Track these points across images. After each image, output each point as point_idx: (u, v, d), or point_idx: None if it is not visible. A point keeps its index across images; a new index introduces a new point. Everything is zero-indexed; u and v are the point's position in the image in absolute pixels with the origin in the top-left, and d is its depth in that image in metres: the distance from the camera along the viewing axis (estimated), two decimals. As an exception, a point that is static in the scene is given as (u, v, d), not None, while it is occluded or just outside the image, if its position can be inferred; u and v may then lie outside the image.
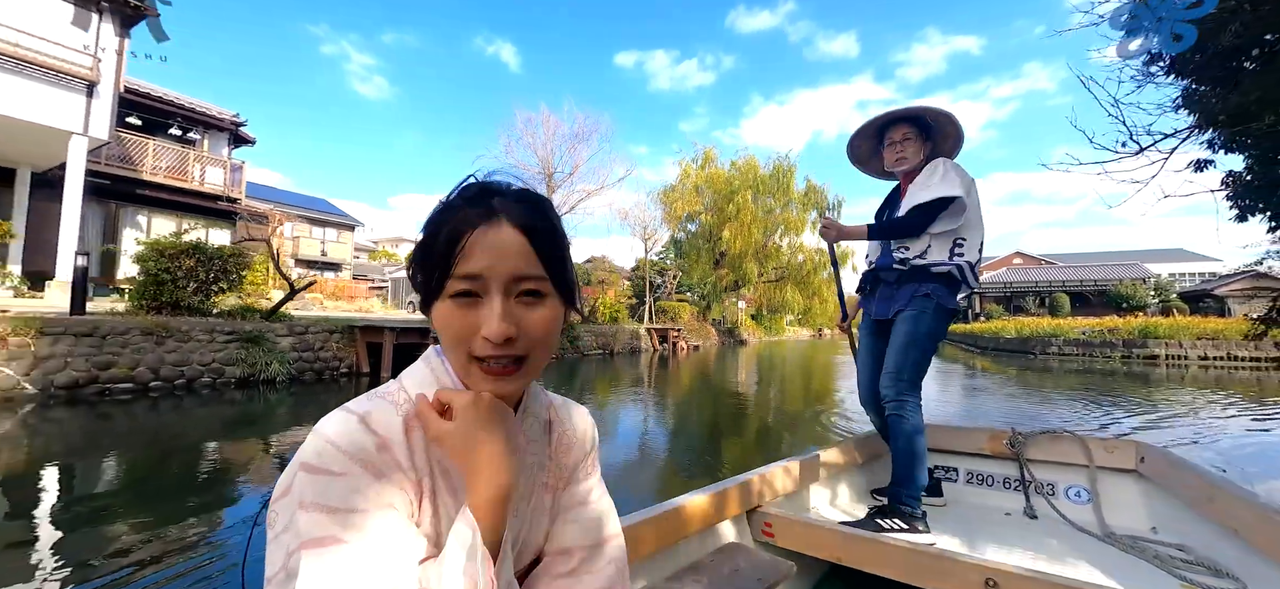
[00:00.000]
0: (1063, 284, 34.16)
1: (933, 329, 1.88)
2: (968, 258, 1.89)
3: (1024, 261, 44.69)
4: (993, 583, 1.21)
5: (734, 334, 24.48)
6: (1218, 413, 6.78)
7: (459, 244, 0.51)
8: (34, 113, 9.23)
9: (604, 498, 0.69)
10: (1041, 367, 14.04)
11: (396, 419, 0.53)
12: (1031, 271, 39.06)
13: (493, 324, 0.50)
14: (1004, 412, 6.87)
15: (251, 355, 6.74)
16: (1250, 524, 1.42)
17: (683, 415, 6.71)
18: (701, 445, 5.11)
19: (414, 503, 0.52)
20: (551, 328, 0.55)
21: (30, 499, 3.12)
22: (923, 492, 1.83)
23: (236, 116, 16.92)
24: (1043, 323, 20.86)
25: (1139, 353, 15.75)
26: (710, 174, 22.24)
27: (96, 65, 9.85)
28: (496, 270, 0.51)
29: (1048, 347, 17.42)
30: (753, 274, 21.50)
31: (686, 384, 9.95)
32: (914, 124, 2.01)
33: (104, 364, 5.74)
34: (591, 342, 13.92)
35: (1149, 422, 6.11)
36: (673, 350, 16.99)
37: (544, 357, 0.56)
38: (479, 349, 0.52)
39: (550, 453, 0.65)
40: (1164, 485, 1.87)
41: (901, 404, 1.85)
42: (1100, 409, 7.03)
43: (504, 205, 0.54)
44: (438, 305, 0.53)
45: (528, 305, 0.53)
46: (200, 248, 7.07)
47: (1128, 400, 7.88)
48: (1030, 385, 10.11)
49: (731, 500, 1.56)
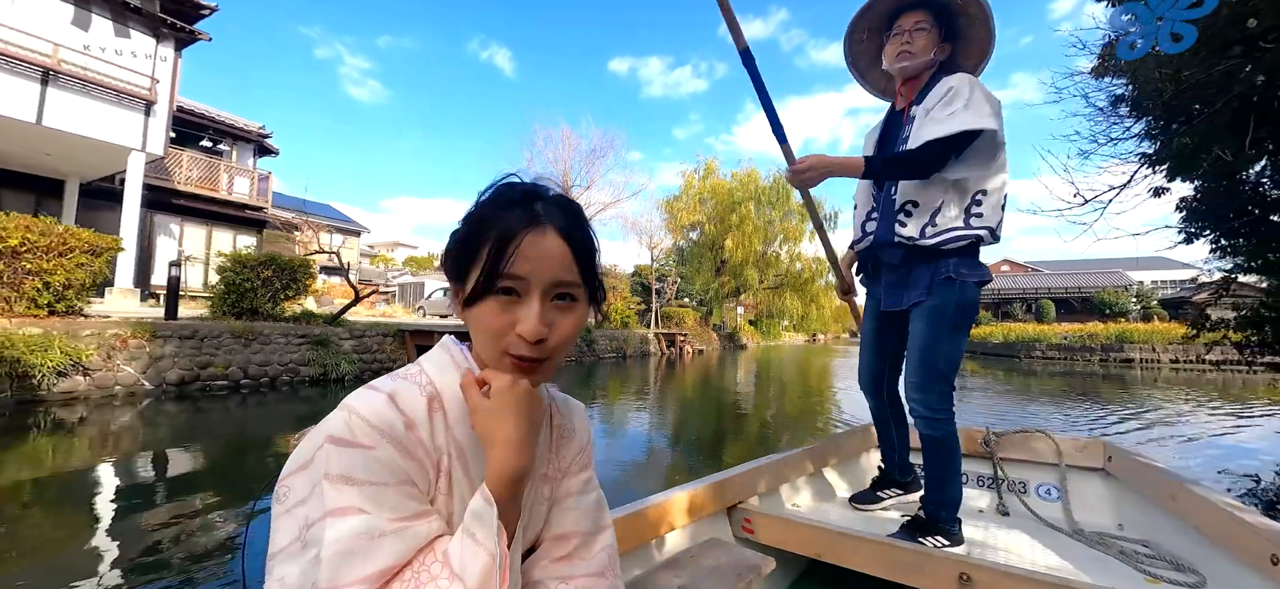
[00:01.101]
0: (1048, 291, 35.39)
1: (961, 318, 1.52)
2: (987, 221, 1.48)
3: (1012, 269, 45.90)
4: (966, 578, 1.25)
5: (734, 339, 25.38)
6: (1168, 410, 7.74)
7: (508, 246, 0.54)
8: (99, 130, 9.94)
9: (597, 490, 0.72)
10: (1026, 370, 15.05)
11: (421, 399, 0.56)
12: (1019, 278, 40.29)
13: (530, 324, 0.53)
14: (986, 407, 7.79)
15: (321, 356, 7.53)
16: (1210, 520, 1.47)
17: (700, 411, 7.56)
18: (716, 435, 5.96)
19: (433, 481, 0.55)
20: (578, 330, 0.59)
21: (153, 479, 3.91)
22: (959, 508, 1.62)
23: (262, 129, 17.62)
24: (1028, 328, 21.97)
25: (1115, 357, 16.84)
26: (713, 185, 23.16)
27: (154, 86, 10.58)
28: (540, 274, 0.54)
29: (1032, 351, 18.51)
30: (754, 281, 22.45)
31: (698, 385, 10.81)
32: (931, 11, 1.56)
33: (203, 364, 6.51)
34: (606, 345, 14.76)
35: (1100, 417, 7.05)
36: (679, 354, 17.87)
37: (564, 356, 0.59)
38: (513, 346, 0.55)
39: (550, 446, 0.69)
40: (1130, 483, 1.92)
41: (935, 421, 1.54)
42: (1061, 405, 7.97)
43: (547, 211, 0.56)
44: (480, 300, 0.55)
45: (561, 309, 0.57)
46: (275, 259, 7.86)
47: (1095, 398, 8.84)
48: (1012, 385, 11.07)
49: (712, 497, 1.59)
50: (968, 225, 1.47)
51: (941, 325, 1.53)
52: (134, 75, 10.29)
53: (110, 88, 9.93)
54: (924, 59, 1.56)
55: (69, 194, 12.47)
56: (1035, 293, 36.11)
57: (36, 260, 5.53)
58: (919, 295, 1.55)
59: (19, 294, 5.58)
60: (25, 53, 8.95)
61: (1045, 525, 1.84)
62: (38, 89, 9.22)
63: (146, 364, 6.07)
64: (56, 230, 5.83)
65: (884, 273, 1.68)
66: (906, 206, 1.54)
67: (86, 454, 4.05)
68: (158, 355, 6.17)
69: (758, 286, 23.58)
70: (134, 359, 5.99)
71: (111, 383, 5.78)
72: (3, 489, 3.25)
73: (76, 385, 5.52)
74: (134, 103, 10.35)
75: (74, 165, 11.70)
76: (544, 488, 0.67)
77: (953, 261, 1.50)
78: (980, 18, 1.53)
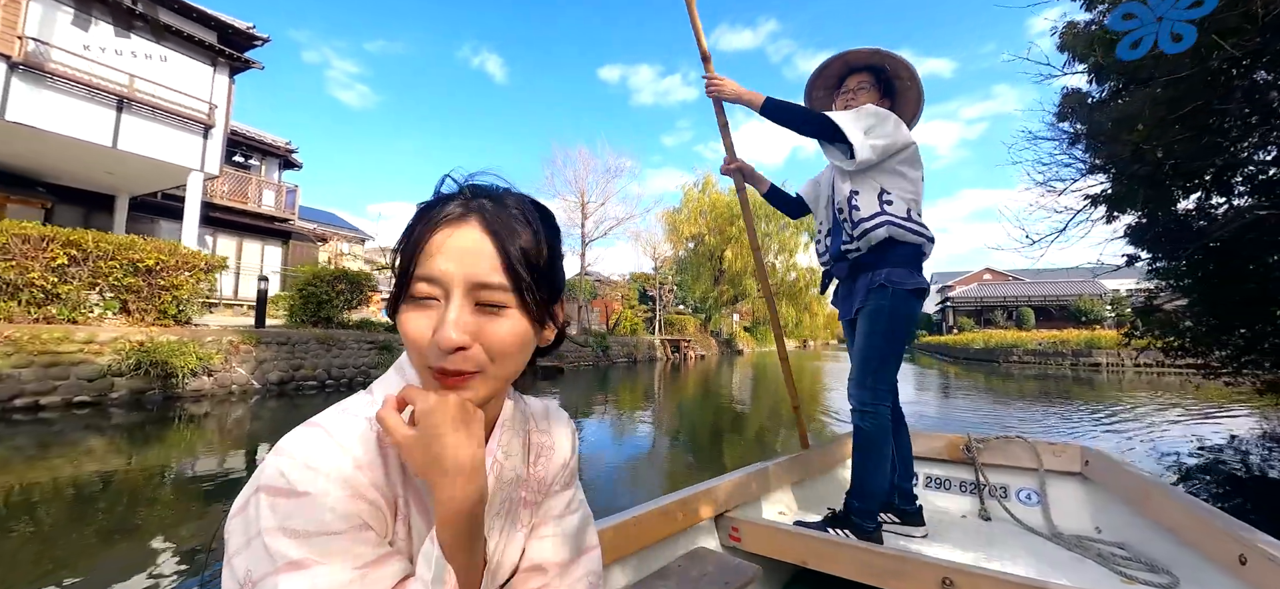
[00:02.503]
0: (1028, 299, 37.12)
1: (892, 323, 1.69)
2: (898, 211, 1.68)
3: (993, 278, 47.61)
4: (949, 582, 1.26)
5: (731, 345, 26.58)
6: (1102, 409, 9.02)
7: (422, 243, 0.48)
8: (164, 152, 10.85)
9: (581, 508, 0.66)
10: (1003, 373, 16.39)
11: (369, 434, 0.49)
12: (1000, 287, 42.03)
13: (443, 330, 0.46)
14: (968, 407, 9.02)
15: (387, 360, 8.54)
16: (1182, 522, 1.51)
17: (712, 408, 8.69)
18: (729, 423, 7.09)
19: (390, 523, 0.49)
20: (511, 342, 0.49)
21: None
22: (877, 504, 1.72)
23: (289, 144, 18.51)
24: (1006, 335, 23.44)
25: (1084, 361, 18.29)
26: (712, 198, 24.37)
27: (212, 111, 11.51)
28: (457, 275, 0.47)
29: (1009, 356, 19.93)
30: (752, 290, 23.67)
31: (705, 386, 11.93)
32: (873, 74, 1.83)
33: (296, 366, 7.49)
34: (619, 351, 15.85)
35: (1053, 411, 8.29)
36: (682, 359, 18.99)
37: (503, 372, 0.51)
38: (432, 357, 0.48)
39: (528, 467, 0.62)
40: (1106, 487, 1.96)
41: (862, 413, 1.72)
42: (1031, 405, 9.22)
43: (479, 206, 0.50)
44: (401, 308, 0.49)
45: (490, 316, 0.48)
46: (346, 273, 8.86)
47: (1056, 398, 10.13)
48: (991, 387, 12.35)
49: (700, 506, 1.59)
50: (882, 211, 1.67)
51: (877, 328, 1.70)
52: (195, 101, 11.22)
53: (175, 113, 10.85)
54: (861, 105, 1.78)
55: (119, 208, 13.29)
56: (1016, 301, 37.84)
57: (169, 277, 6.49)
58: (861, 301, 1.75)
59: (149, 307, 6.54)
60: (105, 82, 9.87)
61: (1025, 529, 1.90)
62: (114, 116, 10.13)
63: (254, 366, 7.05)
64: (181, 251, 6.79)
65: (839, 288, 1.93)
66: (840, 213, 1.79)
67: (240, 438, 5.05)
68: (262, 359, 7.15)
69: (756, 295, 24.81)
70: (244, 362, 6.98)
71: (229, 382, 6.75)
72: (206, 470, 4.27)
73: (203, 384, 6.49)
74: (194, 126, 11.27)
75: (126, 182, 12.55)
76: (523, 512, 0.61)
77: (887, 270, 1.68)
78: (911, 79, 1.82)
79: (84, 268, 5.98)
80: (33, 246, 5.66)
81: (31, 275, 5.59)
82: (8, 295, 5.56)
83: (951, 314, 42.14)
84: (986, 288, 41.99)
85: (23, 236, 5.60)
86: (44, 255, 5.71)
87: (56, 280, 5.76)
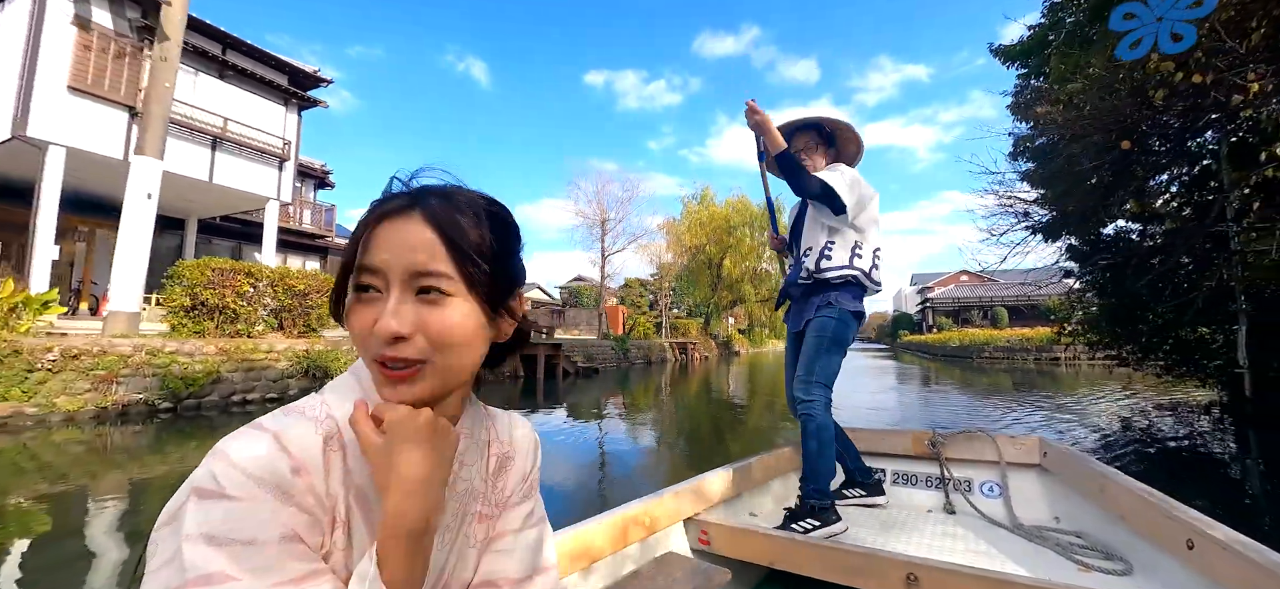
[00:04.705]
0: (1003, 299, 39.63)
1: (838, 333, 1.96)
2: (864, 265, 1.99)
3: (970, 279, 50.10)
4: (913, 577, 1.29)
5: (729, 346, 28.52)
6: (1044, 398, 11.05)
7: (365, 236, 0.49)
8: (248, 184, 12.36)
9: (540, 524, 0.64)
10: (977, 368, 18.53)
11: (315, 437, 0.47)
12: (976, 288, 44.48)
13: (382, 318, 0.46)
14: (941, 397, 10.97)
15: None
16: (1134, 509, 1.57)
17: (725, 393, 10.54)
18: (739, 413, 8.92)
19: (326, 532, 0.46)
20: (455, 332, 0.49)
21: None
22: (829, 485, 1.89)
23: (324, 166, 19.96)
24: (979, 334, 25.75)
25: (1046, 357, 20.55)
26: (711, 211, 26.28)
27: (286, 146, 13.03)
28: (395, 263, 0.47)
29: (981, 353, 22.19)
30: (750, 295, 25.64)
31: (715, 382, 13.78)
32: (816, 131, 2.12)
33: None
34: (637, 353, 17.67)
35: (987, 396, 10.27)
36: (690, 360, 20.85)
37: (451, 363, 0.50)
38: (374, 348, 0.48)
39: (486, 477, 0.60)
40: (1063, 477, 2.03)
41: (810, 404, 1.92)
42: (988, 393, 11.23)
43: (422, 200, 0.50)
44: (349, 303, 0.50)
45: (431, 304, 0.48)
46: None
47: (1011, 389, 12.17)
48: (957, 380, 14.39)
49: (669, 510, 1.61)
50: (851, 263, 1.98)
51: (822, 338, 1.97)
52: (272, 137, 12.74)
53: (258, 148, 12.37)
54: (820, 165, 2.08)
55: (189, 229, 14.69)
56: (991, 301, 40.33)
57: (317, 299, 8.10)
58: (810, 315, 2.02)
59: (297, 322, 8.15)
60: (206, 125, 11.38)
61: (989, 522, 1.94)
62: (210, 153, 11.64)
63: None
64: (320, 277, 8.39)
65: (792, 306, 2.18)
66: (808, 251, 2.05)
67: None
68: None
69: (753, 300, 26.80)
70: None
71: (359, 381, 8.39)
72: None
73: (341, 383, 8.13)
74: (271, 159, 12.79)
75: (200, 208, 13.98)
76: (478, 528, 0.59)
77: (834, 293, 1.98)
78: (847, 129, 2.13)
79: (257, 292, 7.60)
80: (226, 276, 7.26)
81: (227, 300, 7.20)
82: (205, 315, 7.17)
83: (931, 314, 44.54)
84: (964, 289, 44.40)
85: (219, 269, 7.18)
86: (233, 283, 7.32)
87: (242, 303, 7.38)
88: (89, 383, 5.57)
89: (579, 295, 30.58)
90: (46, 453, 4.56)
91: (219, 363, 6.56)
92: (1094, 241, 7.87)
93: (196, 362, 6.38)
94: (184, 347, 6.41)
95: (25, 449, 4.60)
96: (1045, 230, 8.16)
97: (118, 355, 5.87)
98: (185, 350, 6.38)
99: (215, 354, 6.59)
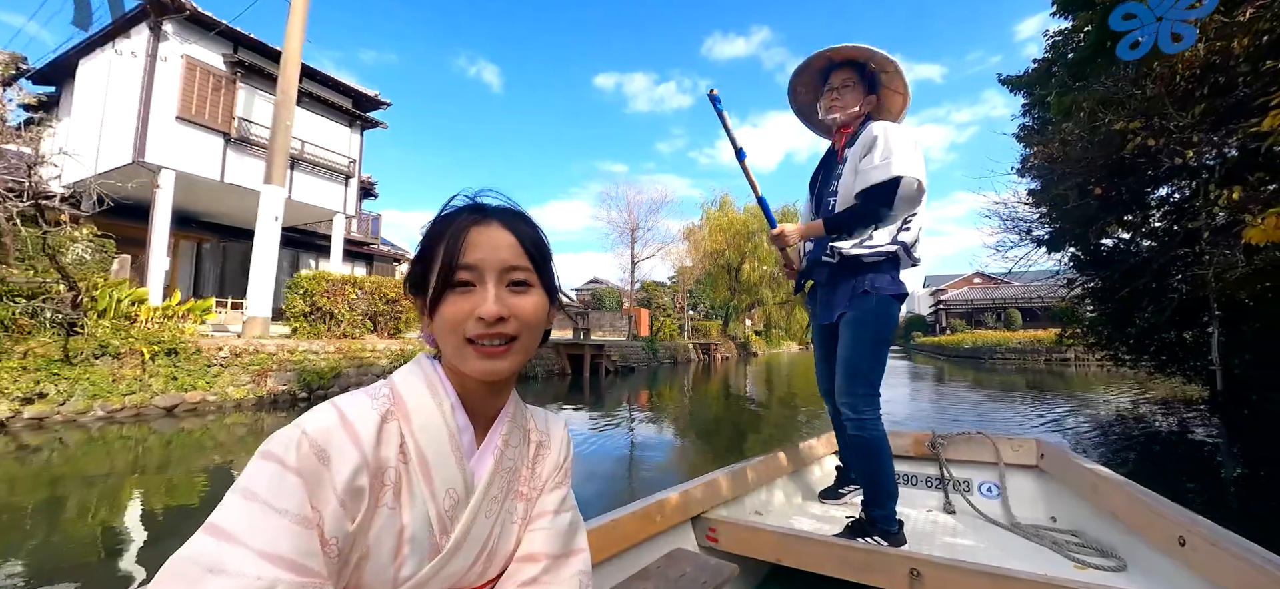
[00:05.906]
0: (1016, 301, 40.08)
1: (879, 328, 1.73)
2: (912, 235, 1.72)
3: (984, 281, 50.36)
4: (917, 573, 1.33)
5: (747, 348, 29.55)
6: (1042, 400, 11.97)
7: (460, 240, 0.59)
8: (320, 199, 13.66)
9: (573, 510, 0.72)
10: (988, 369, 19.38)
11: (373, 414, 0.56)
12: (990, 290, 44.75)
13: (488, 304, 0.57)
14: (954, 396, 11.94)
15: (522, 361, 11.43)
16: (1127, 508, 1.59)
17: (747, 389, 11.60)
18: (763, 406, 9.97)
19: (370, 502, 0.53)
20: (538, 314, 0.62)
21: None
22: (895, 502, 1.74)
23: (369, 176, 21.28)
24: (991, 335, 26.54)
25: (1056, 358, 21.33)
26: (730, 217, 27.35)
27: (351, 164, 14.32)
28: (491, 260, 0.59)
29: (993, 355, 23.01)
30: (768, 299, 26.68)
31: (740, 381, 14.84)
32: (857, 69, 1.83)
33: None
34: (665, 354, 18.81)
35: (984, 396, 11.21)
36: (712, 360, 21.93)
37: (531, 342, 0.62)
38: (472, 330, 0.58)
39: (528, 460, 0.70)
40: (1060, 478, 2.06)
41: (861, 422, 1.72)
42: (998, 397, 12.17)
43: (497, 212, 0.63)
44: (442, 300, 0.59)
45: (517, 293, 0.60)
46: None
47: (1015, 390, 13.09)
48: (969, 381, 15.31)
49: (677, 507, 1.63)
50: (894, 241, 1.70)
51: (862, 335, 1.73)
52: (340, 157, 14.03)
53: (329, 167, 13.67)
54: (852, 111, 1.82)
55: (258, 239, 16.04)
56: (1004, 303, 40.76)
57: (404, 305, 9.32)
58: (843, 308, 1.77)
59: (388, 325, 9.37)
60: (290, 147, 12.67)
61: (987, 521, 2.00)
62: (289, 173, 12.92)
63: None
64: (398, 284, 9.62)
65: (818, 292, 1.95)
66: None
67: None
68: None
69: (771, 303, 27.81)
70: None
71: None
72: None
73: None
74: (339, 177, 14.08)
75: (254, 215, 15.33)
76: (519, 505, 0.67)
77: (869, 277, 1.71)
78: (896, 74, 1.81)
79: (359, 299, 8.83)
80: (337, 287, 8.50)
81: (338, 306, 8.44)
82: (319, 319, 8.41)
83: (944, 316, 45.08)
84: (977, 291, 44.78)
85: (332, 280, 8.41)
86: (342, 293, 8.55)
87: (346, 309, 8.61)
88: (248, 376, 6.80)
89: (601, 298, 31.74)
90: (220, 434, 5.67)
91: (338, 360, 7.78)
92: (1093, 252, 8.82)
93: (321, 359, 7.61)
94: (312, 346, 7.65)
95: (207, 431, 5.68)
96: (1048, 243, 9.15)
97: (266, 354, 7.10)
98: (313, 350, 7.61)
99: (334, 353, 7.81)
